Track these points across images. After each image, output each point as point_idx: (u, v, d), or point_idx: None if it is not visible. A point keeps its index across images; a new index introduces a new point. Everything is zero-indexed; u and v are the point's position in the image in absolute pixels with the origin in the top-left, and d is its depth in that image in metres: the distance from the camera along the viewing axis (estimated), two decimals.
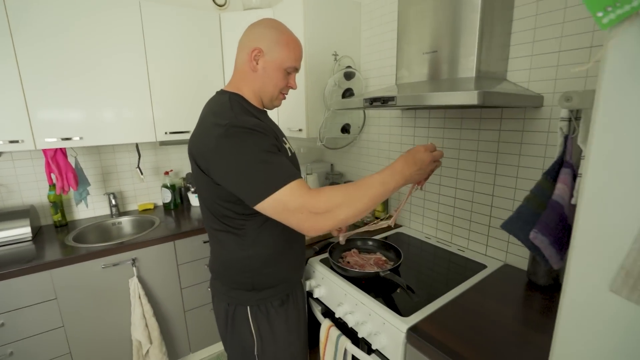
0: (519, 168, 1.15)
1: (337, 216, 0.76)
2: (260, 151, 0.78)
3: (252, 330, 0.98)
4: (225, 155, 0.78)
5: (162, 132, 1.79)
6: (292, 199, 0.75)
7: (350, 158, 1.97)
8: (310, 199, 0.75)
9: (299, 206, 0.75)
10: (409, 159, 0.84)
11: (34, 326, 1.40)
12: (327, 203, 0.75)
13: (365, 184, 0.80)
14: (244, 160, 0.77)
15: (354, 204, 0.77)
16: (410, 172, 0.83)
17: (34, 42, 1.43)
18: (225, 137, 0.78)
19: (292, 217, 0.76)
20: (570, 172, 0.65)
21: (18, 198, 1.76)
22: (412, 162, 0.83)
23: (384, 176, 0.81)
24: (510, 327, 0.89)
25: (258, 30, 0.91)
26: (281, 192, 0.75)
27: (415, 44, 1.21)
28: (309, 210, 0.75)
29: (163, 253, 1.66)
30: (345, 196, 0.77)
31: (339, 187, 0.79)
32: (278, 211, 0.77)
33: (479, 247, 1.33)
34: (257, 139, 0.79)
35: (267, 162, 0.77)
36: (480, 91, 0.80)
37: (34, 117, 1.48)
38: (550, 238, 0.62)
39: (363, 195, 0.78)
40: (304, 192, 0.76)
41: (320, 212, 0.75)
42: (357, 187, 0.79)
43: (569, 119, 0.65)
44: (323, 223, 0.76)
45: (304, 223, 0.76)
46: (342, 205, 0.76)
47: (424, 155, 0.85)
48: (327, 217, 0.76)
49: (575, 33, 0.95)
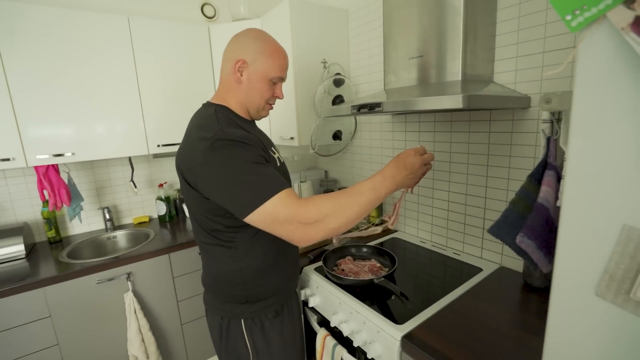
0: (509, 169, 1.15)
1: (328, 225, 0.74)
2: (247, 163, 0.77)
3: (247, 344, 0.96)
4: (212, 169, 0.77)
5: (155, 144, 1.79)
6: (281, 210, 0.73)
7: (343, 164, 1.97)
8: (300, 209, 0.73)
9: (288, 217, 0.73)
10: (399, 163, 0.83)
11: (28, 345, 1.38)
12: (317, 213, 0.74)
13: (355, 191, 0.78)
14: (231, 172, 0.76)
15: (344, 212, 0.75)
16: (401, 176, 0.82)
17: (22, 58, 1.43)
18: (211, 151, 0.77)
19: (281, 228, 0.75)
20: (554, 174, 0.64)
21: (11, 215, 1.75)
22: (403, 167, 0.83)
23: (374, 182, 0.80)
24: (506, 331, 0.87)
25: (242, 41, 0.91)
26: (270, 203, 0.73)
27: (401, 49, 1.22)
28: (298, 221, 0.73)
29: (158, 266, 1.65)
30: (335, 205, 0.75)
31: (328, 195, 0.77)
32: (268, 223, 0.75)
33: (474, 250, 1.32)
34: (244, 151, 0.78)
35: (255, 174, 0.76)
36: (465, 95, 0.80)
37: (24, 134, 1.47)
38: (537, 242, 0.61)
39: (353, 203, 0.76)
40: (293, 202, 0.74)
41: (310, 222, 0.73)
42: (347, 194, 0.78)
43: (551, 120, 0.65)
44: (313, 233, 0.74)
45: (293, 234, 0.75)
46: (332, 214, 0.74)
47: (414, 159, 0.84)
48: (317, 227, 0.74)
49: (558, 34, 0.96)
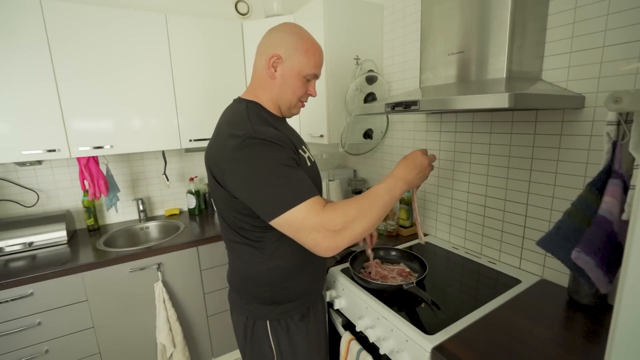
0: (556, 175, 1.06)
1: (354, 231, 0.74)
2: (277, 165, 0.76)
3: (272, 346, 0.95)
4: (240, 168, 0.77)
5: (187, 139, 1.84)
6: (309, 217, 0.73)
7: (373, 164, 1.92)
8: (327, 216, 0.73)
9: (316, 224, 0.72)
10: (409, 164, 0.86)
11: (66, 326, 1.46)
12: (343, 219, 0.73)
13: (373, 194, 0.80)
14: (260, 173, 0.75)
15: (367, 216, 0.76)
16: (412, 176, 0.85)
17: (68, 55, 1.51)
18: (241, 149, 0.76)
19: (307, 236, 0.74)
20: (620, 184, 0.57)
21: (56, 203, 1.87)
22: (413, 167, 0.85)
23: (388, 184, 0.82)
24: (547, 351, 0.80)
25: (277, 36, 0.88)
26: (297, 209, 0.73)
27: (440, 45, 1.15)
28: (326, 229, 0.72)
29: (187, 258, 1.69)
30: (358, 210, 0.76)
31: (350, 201, 0.78)
32: (294, 230, 0.75)
33: (512, 259, 1.23)
34: (274, 152, 0.77)
35: (284, 177, 0.75)
36: (512, 93, 0.73)
37: (69, 127, 1.56)
38: (596, 259, 0.54)
39: (374, 206, 0.77)
40: (320, 209, 0.74)
41: (338, 229, 0.73)
42: (367, 198, 0.79)
43: (618, 122, 0.58)
44: (341, 241, 0.74)
45: (321, 242, 0.73)
46: (357, 220, 0.75)
47: (423, 158, 0.87)
48: (344, 234, 0.74)
49: (621, 26, 0.86)
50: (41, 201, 1.82)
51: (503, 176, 1.22)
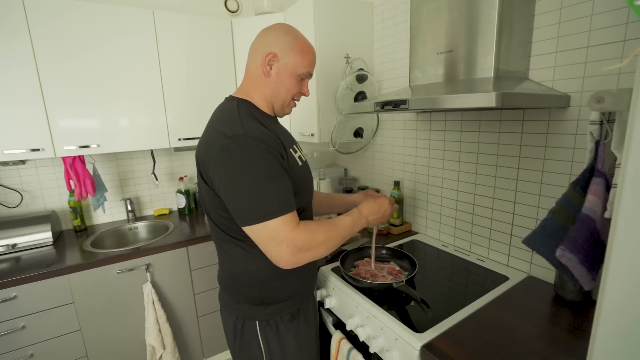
0: (543, 173, 1.07)
1: (317, 253, 0.81)
2: (261, 174, 0.76)
3: (261, 346, 0.95)
4: (223, 168, 0.77)
5: (176, 138, 1.81)
6: (282, 231, 0.76)
7: (364, 162, 1.93)
8: (298, 235, 0.77)
9: (286, 239, 0.76)
10: (374, 208, 1.00)
11: (52, 329, 1.43)
12: (311, 240, 0.79)
13: (340, 224, 0.88)
14: (242, 179, 0.76)
15: (331, 242, 0.84)
16: (374, 218, 0.99)
17: (52, 52, 1.47)
18: (227, 150, 0.76)
19: (275, 247, 0.77)
20: (603, 182, 0.58)
21: (41, 203, 1.82)
22: (377, 211, 1.00)
23: (354, 218, 0.93)
24: (534, 347, 0.81)
25: (272, 35, 0.89)
26: (273, 222, 0.76)
27: (429, 44, 1.16)
28: (294, 245, 0.77)
29: (176, 258, 1.67)
30: (326, 235, 0.83)
31: (319, 224, 0.84)
32: (263, 239, 0.78)
33: (500, 257, 1.25)
34: (261, 158, 0.77)
35: (265, 188, 0.76)
36: (499, 92, 0.74)
37: (53, 125, 1.52)
38: (579, 256, 0.55)
39: (338, 235, 0.86)
40: (294, 226, 0.77)
41: (304, 248, 0.78)
42: (334, 227, 0.86)
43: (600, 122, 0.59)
44: (303, 258, 0.79)
45: (285, 256, 0.77)
46: (322, 244, 0.82)
47: (389, 208, 1.03)
48: (308, 253, 0.80)
49: (605, 26, 0.87)
50: (25, 202, 1.78)
51: (491, 174, 1.23)
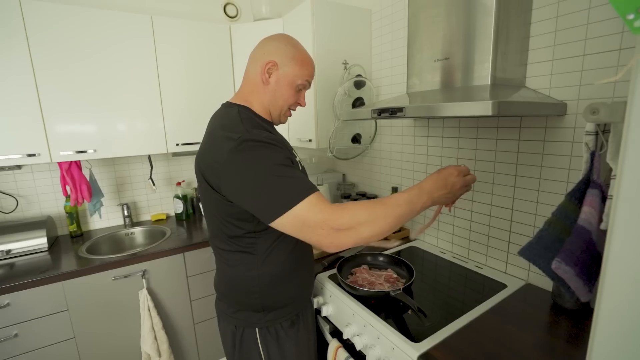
0: (540, 180, 1.07)
1: (360, 234, 0.72)
2: (275, 165, 0.74)
3: (261, 354, 0.94)
4: (238, 171, 0.75)
5: (174, 143, 1.81)
6: (312, 214, 0.71)
7: (362, 168, 1.92)
8: (332, 215, 0.71)
9: (320, 222, 0.71)
10: (439, 180, 0.81)
11: (46, 337, 1.41)
12: (350, 219, 0.72)
13: (391, 202, 0.76)
14: (258, 175, 0.74)
15: (378, 222, 0.73)
16: (439, 194, 0.80)
17: (50, 58, 1.47)
18: (237, 152, 0.75)
19: (312, 233, 0.72)
20: (599, 194, 0.57)
21: (37, 209, 1.81)
22: (443, 185, 0.81)
23: (411, 195, 0.78)
24: (531, 356, 0.80)
25: (274, 44, 0.90)
26: (299, 207, 0.71)
27: (426, 51, 1.16)
28: (330, 226, 0.71)
29: (173, 265, 1.66)
30: (370, 214, 0.73)
31: (363, 203, 0.75)
32: (297, 227, 0.73)
33: (498, 264, 1.24)
34: (271, 153, 0.76)
35: (283, 176, 0.74)
36: (495, 101, 0.74)
37: (50, 130, 1.52)
38: (575, 269, 0.54)
39: (388, 214, 0.74)
40: (325, 206, 0.72)
41: (343, 228, 0.71)
42: (383, 205, 0.75)
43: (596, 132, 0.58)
44: (345, 240, 0.72)
45: (324, 239, 0.72)
46: (366, 223, 0.72)
47: (456, 179, 0.83)
48: (349, 234, 0.72)
49: (601, 35, 0.88)
50: (21, 207, 1.77)
51: (489, 181, 1.23)
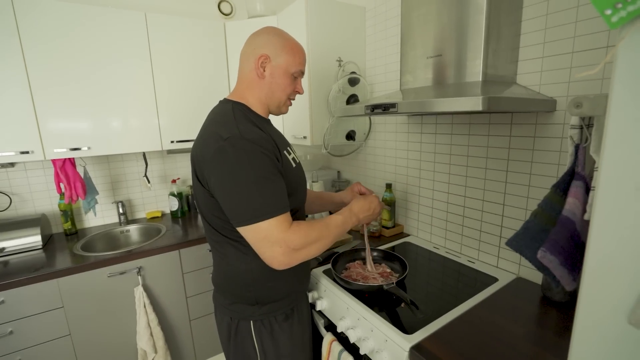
0: (531, 176, 1.09)
1: (310, 252, 0.83)
2: (256, 176, 0.77)
3: (255, 346, 0.95)
4: (219, 170, 0.78)
5: (168, 140, 1.81)
6: (276, 232, 0.77)
7: (357, 165, 1.93)
8: (292, 235, 0.78)
9: (279, 240, 0.77)
10: (364, 205, 1.01)
11: (41, 334, 1.41)
12: (304, 240, 0.80)
13: (332, 223, 0.89)
14: (237, 180, 0.77)
15: (323, 241, 0.85)
16: (365, 215, 1.01)
17: (43, 54, 1.46)
18: (222, 152, 0.77)
19: (269, 248, 0.78)
20: (583, 185, 0.59)
21: (31, 207, 1.80)
22: (367, 208, 1.01)
23: (345, 217, 0.94)
24: (522, 347, 0.82)
25: (262, 38, 0.91)
26: (267, 222, 0.77)
27: (419, 48, 1.17)
28: (287, 245, 0.78)
29: (168, 262, 1.66)
30: (318, 234, 0.84)
31: (311, 224, 0.85)
32: (257, 239, 0.79)
33: (490, 258, 1.26)
34: (256, 160, 0.78)
35: (260, 189, 0.78)
36: (485, 97, 0.75)
37: (43, 128, 1.51)
38: (560, 258, 0.56)
39: (330, 234, 0.88)
40: (287, 226, 0.79)
41: (298, 248, 0.79)
42: (326, 226, 0.87)
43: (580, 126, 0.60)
44: (296, 258, 0.81)
45: (278, 256, 0.78)
46: (315, 243, 0.83)
47: (378, 205, 1.05)
48: (301, 253, 0.81)
49: (589, 32, 0.89)
50: (14, 205, 1.76)
51: (481, 177, 1.25)
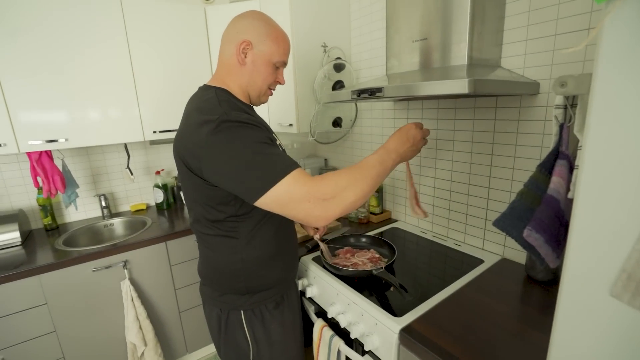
0: (515, 159, 1.11)
1: (346, 199, 0.73)
2: (255, 143, 0.74)
3: (247, 336, 0.95)
4: (218, 152, 0.74)
5: (150, 131, 1.75)
6: (297, 188, 0.71)
7: (343, 152, 1.93)
8: (316, 186, 0.72)
9: (305, 194, 0.71)
10: (402, 136, 0.86)
11: (25, 332, 1.37)
12: (334, 187, 0.73)
13: (365, 164, 0.79)
14: (239, 154, 0.72)
15: (359, 185, 0.75)
16: (404, 149, 0.86)
17: (9, 39, 1.38)
18: (216, 133, 0.73)
19: (298, 207, 0.72)
20: (567, 164, 0.60)
21: (7, 202, 1.73)
22: (406, 139, 0.86)
23: (380, 155, 0.82)
24: (506, 325, 0.85)
25: (246, 22, 0.86)
26: (284, 182, 0.71)
27: (404, 32, 1.16)
28: (316, 197, 0.71)
29: (155, 254, 1.63)
30: (349, 178, 0.75)
31: (341, 171, 0.77)
32: (283, 203, 0.72)
33: (476, 241, 1.29)
34: (250, 132, 0.75)
35: (264, 154, 0.73)
36: (471, 79, 0.75)
37: (15, 119, 1.43)
38: (545, 236, 0.58)
39: (366, 176, 0.77)
40: (308, 179, 0.72)
41: (328, 197, 0.72)
42: (359, 168, 0.78)
43: (564, 106, 0.61)
44: (333, 209, 0.73)
45: (312, 211, 0.72)
46: (348, 188, 0.74)
47: (416, 131, 0.88)
48: (335, 202, 0.72)
49: (571, 15, 0.90)
50: None
51: (467, 161, 1.26)
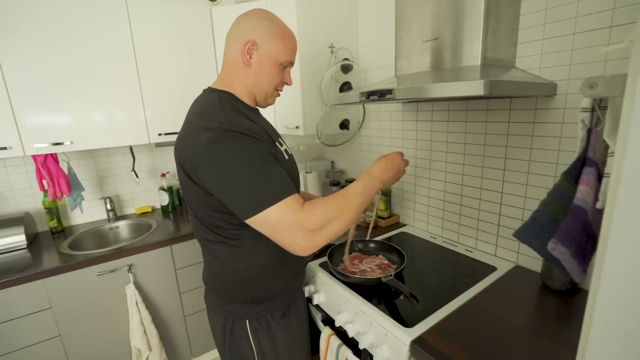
0: (530, 163, 1.07)
1: (331, 231, 0.74)
2: (255, 160, 0.71)
3: (252, 346, 0.92)
4: (215, 163, 0.71)
5: (156, 133, 1.74)
6: (288, 216, 0.70)
7: (350, 155, 1.90)
8: (306, 216, 0.71)
9: (295, 223, 0.70)
10: (387, 164, 0.89)
11: (29, 336, 1.36)
12: (322, 219, 0.72)
13: (351, 193, 0.80)
14: (237, 169, 0.70)
15: (344, 215, 0.76)
16: (388, 176, 0.88)
17: (16, 43, 1.37)
18: (215, 143, 0.71)
19: (286, 235, 0.71)
20: (595, 172, 0.56)
21: (13, 205, 1.73)
22: (390, 167, 0.89)
23: (365, 182, 0.83)
24: (522, 337, 0.81)
25: (250, 21, 0.83)
26: (277, 207, 0.69)
27: (414, 32, 1.12)
28: (305, 228, 0.70)
29: (160, 258, 1.62)
30: (337, 209, 0.75)
31: (328, 199, 0.77)
32: (272, 227, 0.71)
33: (488, 247, 1.25)
34: (251, 146, 0.72)
35: (262, 173, 0.71)
36: (487, 80, 0.72)
37: (21, 122, 1.43)
38: (571, 249, 0.54)
39: (351, 206, 0.78)
40: (299, 208, 0.71)
41: (317, 229, 0.71)
42: (345, 197, 0.78)
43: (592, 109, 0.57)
44: (318, 241, 0.72)
45: (299, 241, 0.71)
46: (334, 220, 0.74)
47: (401, 161, 0.92)
48: (322, 234, 0.72)
49: (592, 12, 0.86)
50: None
51: (479, 165, 1.22)
